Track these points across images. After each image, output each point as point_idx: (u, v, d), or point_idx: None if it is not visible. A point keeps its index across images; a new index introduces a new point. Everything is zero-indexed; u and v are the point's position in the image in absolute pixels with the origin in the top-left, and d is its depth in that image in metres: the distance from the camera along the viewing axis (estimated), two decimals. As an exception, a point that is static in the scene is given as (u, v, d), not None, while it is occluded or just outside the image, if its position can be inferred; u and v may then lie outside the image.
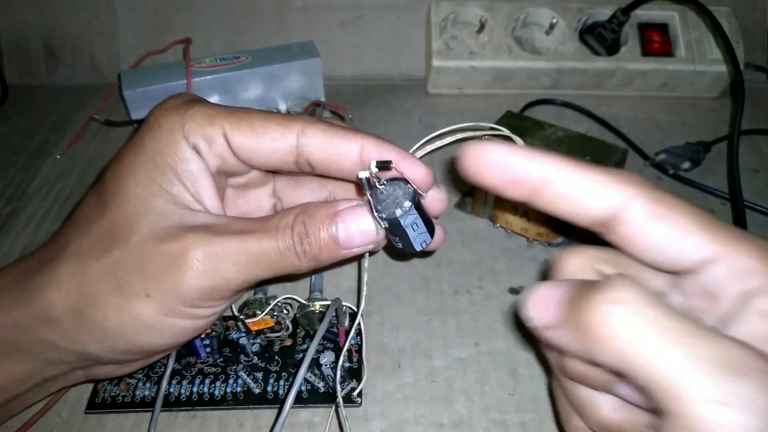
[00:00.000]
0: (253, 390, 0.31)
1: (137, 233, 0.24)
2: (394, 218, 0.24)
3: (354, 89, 0.56)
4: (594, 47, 0.54)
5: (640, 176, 0.21)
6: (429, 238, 0.27)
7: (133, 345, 0.25)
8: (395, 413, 0.31)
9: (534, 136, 0.37)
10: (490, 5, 0.54)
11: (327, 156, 0.26)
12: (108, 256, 0.24)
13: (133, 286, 0.24)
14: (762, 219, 0.42)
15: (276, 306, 0.32)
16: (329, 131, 0.25)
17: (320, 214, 0.25)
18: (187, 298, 0.24)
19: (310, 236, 0.25)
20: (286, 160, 0.26)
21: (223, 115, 0.25)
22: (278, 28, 0.57)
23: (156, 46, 0.56)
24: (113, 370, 0.29)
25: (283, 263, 0.25)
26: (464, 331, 0.35)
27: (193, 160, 0.25)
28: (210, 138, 0.25)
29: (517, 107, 0.52)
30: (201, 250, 0.23)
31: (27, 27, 0.57)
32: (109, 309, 0.24)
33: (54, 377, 0.27)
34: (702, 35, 0.54)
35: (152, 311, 0.24)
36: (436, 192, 0.27)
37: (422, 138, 0.30)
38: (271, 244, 0.24)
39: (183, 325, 0.25)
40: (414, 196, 0.25)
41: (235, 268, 0.24)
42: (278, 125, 0.25)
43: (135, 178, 0.25)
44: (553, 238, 0.38)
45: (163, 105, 0.26)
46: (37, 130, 0.53)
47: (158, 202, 0.24)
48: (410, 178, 0.25)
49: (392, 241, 0.26)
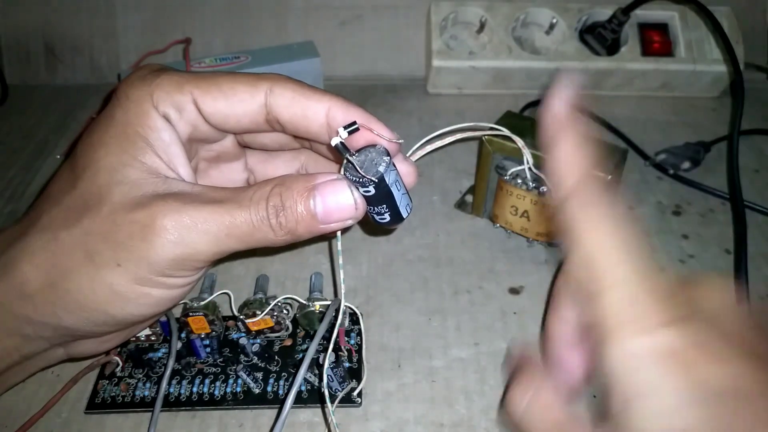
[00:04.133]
0: (253, 390, 0.31)
1: (108, 203, 0.23)
2: (380, 175, 0.24)
3: (354, 89, 0.56)
4: (594, 47, 0.54)
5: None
6: (411, 201, 0.26)
7: (108, 316, 0.25)
8: (395, 413, 0.31)
9: (534, 136, 0.37)
10: (490, 5, 0.54)
11: (294, 116, 0.25)
12: (78, 226, 0.23)
13: (103, 256, 0.23)
14: (762, 219, 0.42)
15: (276, 306, 0.32)
16: (297, 90, 0.25)
17: (298, 186, 0.24)
18: (158, 267, 0.23)
19: (286, 209, 0.24)
20: (257, 121, 0.26)
21: (191, 81, 0.25)
22: (278, 28, 0.57)
23: (156, 46, 0.56)
24: (94, 347, 0.28)
25: (257, 236, 0.24)
26: (464, 331, 0.35)
27: (164, 128, 0.25)
28: (179, 105, 0.25)
29: (517, 107, 0.52)
30: (170, 219, 0.23)
31: (27, 27, 0.57)
32: (81, 280, 0.23)
33: (32, 355, 0.27)
34: (702, 35, 0.54)
35: (124, 280, 0.23)
36: (405, 164, 0.27)
37: (422, 138, 0.30)
38: (244, 216, 0.24)
39: (157, 294, 0.25)
40: (388, 152, 0.24)
41: (206, 239, 0.23)
42: (246, 85, 0.25)
43: (106, 149, 0.24)
44: (554, 238, 0.38)
45: (130, 77, 0.25)
46: (37, 130, 0.53)
47: (130, 171, 0.24)
48: (378, 138, 0.25)
49: (374, 216, 0.26)
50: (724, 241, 0.41)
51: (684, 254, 0.40)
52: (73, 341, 0.27)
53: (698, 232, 0.41)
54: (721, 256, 0.40)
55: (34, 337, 0.26)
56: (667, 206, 0.44)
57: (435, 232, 0.41)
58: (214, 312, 0.32)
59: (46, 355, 0.27)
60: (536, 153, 0.35)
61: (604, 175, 0.34)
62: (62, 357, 0.28)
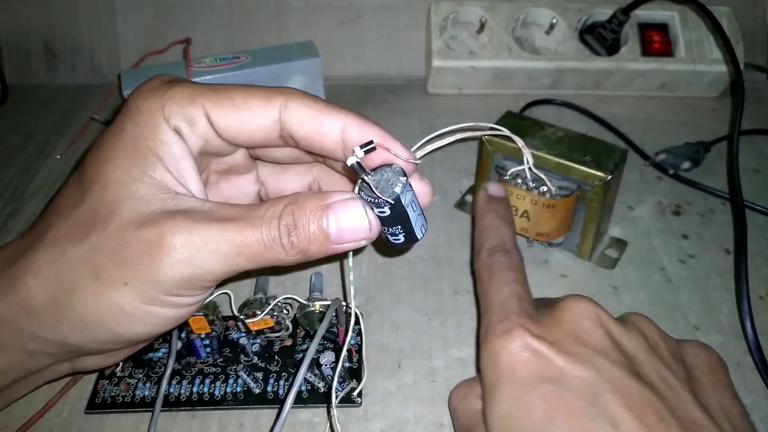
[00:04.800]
0: (253, 390, 0.31)
1: (116, 219, 0.23)
2: (396, 196, 0.23)
3: (354, 89, 0.56)
4: (594, 47, 0.54)
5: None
6: (426, 222, 0.26)
7: (113, 334, 0.24)
8: (395, 413, 0.31)
9: (534, 136, 0.37)
10: (490, 5, 0.54)
11: (309, 133, 0.25)
12: (86, 242, 0.23)
13: (110, 274, 0.23)
14: (762, 219, 0.42)
15: (276, 306, 0.32)
16: (312, 106, 0.25)
17: (311, 205, 0.23)
18: (166, 286, 0.23)
19: (298, 228, 0.23)
20: (270, 136, 0.25)
21: (204, 94, 0.24)
22: (278, 28, 0.57)
23: (156, 46, 0.56)
24: (99, 362, 0.28)
25: (268, 255, 0.23)
26: (464, 331, 0.35)
27: (175, 142, 0.24)
28: (191, 119, 0.24)
29: (517, 107, 0.52)
30: (179, 237, 0.22)
31: (27, 27, 0.57)
32: (87, 297, 0.23)
33: (37, 370, 0.26)
34: (702, 35, 0.54)
35: (131, 300, 0.23)
36: (421, 184, 0.27)
37: (422, 138, 0.30)
38: (255, 235, 0.23)
39: (164, 313, 0.24)
40: (404, 172, 0.24)
41: (216, 258, 0.23)
42: (260, 99, 0.24)
43: (115, 163, 0.24)
44: (554, 238, 0.38)
45: (141, 87, 0.25)
46: (37, 130, 0.53)
47: (140, 187, 0.23)
48: (394, 158, 0.24)
49: (387, 237, 0.26)
50: (724, 241, 0.41)
51: (684, 254, 0.40)
52: (78, 357, 0.27)
53: (698, 232, 0.41)
54: (721, 256, 0.40)
55: (39, 353, 0.25)
56: (667, 206, 0.44)
57: (435, 232, 0.41)
58: (214, 312, 0.32)
59: (51, 370, 0.27)
60: (536, 153, 0.35)
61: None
62: (67, 371, 0.28)
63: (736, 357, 0.33)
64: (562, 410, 0.23)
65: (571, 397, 0.23)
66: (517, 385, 0.24)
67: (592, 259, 0.39)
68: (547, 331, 0.25)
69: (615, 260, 0.39)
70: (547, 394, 0.23)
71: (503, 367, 0.24)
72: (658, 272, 0.38)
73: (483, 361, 0.26)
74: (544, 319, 0.26)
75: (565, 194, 0.35)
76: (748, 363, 0.33)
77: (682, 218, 0.43)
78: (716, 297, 0.37)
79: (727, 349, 0.34)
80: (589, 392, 0.23)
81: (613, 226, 0.41)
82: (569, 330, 0.25)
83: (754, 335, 0.33)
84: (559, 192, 0.35)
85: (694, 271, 0.38)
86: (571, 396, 0.23)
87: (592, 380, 0.23)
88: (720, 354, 0.27)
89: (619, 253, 0.39)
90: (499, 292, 0.28)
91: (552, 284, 0.37)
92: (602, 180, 0.34)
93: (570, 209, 0.36)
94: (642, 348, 0.25)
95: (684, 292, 0.37)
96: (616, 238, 0.40)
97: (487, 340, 0.26)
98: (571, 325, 0.25)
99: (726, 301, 0.36)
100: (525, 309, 0.26)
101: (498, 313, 0.26)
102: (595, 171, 0.34)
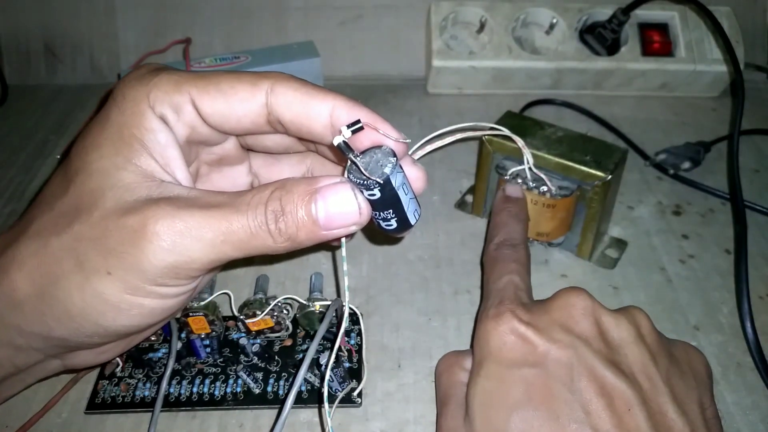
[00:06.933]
0: (253, 390, 0.31)
1: (100, 208, 0.22)
2: (386, 177, 0.22)
3: (354, 89, 0.56)
4: (594, 47, 0.54)
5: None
6: (419, 207, 0.25)
7: (98, 327, 0.23)
8: (395, 413, 0.31)
9: (534, 136, 0.37)
10: (490, 5, 0.54)
11: (297, 116, 0.24)
12: (69, 232, 0.22)
13: (93, 263, 0.22)
14: (762, 219, 0.42)
15: (276, 306, 0.32)
16: (299, 89, 0.24)
17: (299, 189, 0.23)
18: (150, 275, 0.22)
19: (286, 214, 0.23)
20: (258, 122, 0.25)
21: (190, 81, 0.24)
22: (278, 28, 0.57)
23: (156, 46, 0.56)
24: (90, 358, 0.27)
25: (255, 243, 0.23)
26: (464, 331, 0.35)
27: (160, 130, 0.24)
28: (177, 106, 0.24)
29: (517, 107, 0.52)
30: (162, 224, 0.22)
31: (27, 27, 0.57)
32: (71, 288, 0.22)
33: (27, 367, 0.26)
34: (702, 35, 0.54)
35: (115, 290, 0.22)
36: (414, 169, 0.26)
37: (422, 138, 0.30)
38: (241, 221, 0.22)
39: (150, 304, 0.23)
40: (394, 153, 0.23)
41: (200, 245, 0.22)
42: (246, 84, 0.24)
43: (99, 152, 0.23)
44: (554, 238, 0.38)
45: (128, 76, 0.25)
46: (37, 130, 0.53)
47: (124, 175, 0.23)
48: (384, 139, 0.24)
49: (380, 222, 0.25)
50: (724, 241, 0.41)
51: (684, 254, 0.40)
52: (68, 352, 0.26)
53: (698, 232, 0.41)
54: (721, 256, 0.40)
55: (27, 348, 0.25)
56: (667, 206, 0.44)
57: (435, 232, 0.41)
58: (214, 312, 0.32)
59: (42, 367, 0.27)
60: (536, 153, 0.35)
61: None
62: (59, 368, 0.28)
63: (736, 357, 0.33)
64: (539, 392, 0.24)
65: (550, 381, 0.24)
66: (502, 365, 0.25)
67: (592, 259, 0.39)
68: (536, 318, 0.26)
69: (615, 260, 0.39)
70: (528, 376, 0.25)
71: (491, 347, 0.26)
72: (658, 272, 0.38)
73: (476, 339, 0.27)
74: (536, 307, 0.27)
75: (565, 194, 0.35)
76: (748, 363, 0.33)
77: (682, 218, 0.43)
78: (716, 297, 0.37)
79: (727, 349, 0.34)
80: (567, 377, 0.24)
81: (613, 226, 0.41)
82: (558, 318, 0.26)
83: (754, 335, 0.33)
84: (559, 192, 0.35)
85: (694, 271, 0.38)
86: (549, 380, 0.24)
87: (572, 366, 0.24)
88: (720, 354, 0.27)
89: (619, 253, 0.39)
90: (498, 280, 0.29)
91: (552, 284, 0.37)
92: (602, 180, 0.34)
93: (570, 209, 0.36)
94: (630, 337, 0.26)
95: (684, 292, 0.37)
96: (616, 238, 0.40)
97: (481, 321, 0.27)
98: (560, 312, 0.26)
99: (726, 301, 0.36)
100: (519, 297, 0.28)
101: (494, 298, 0.28)
102: (595, 171, 0.34)
